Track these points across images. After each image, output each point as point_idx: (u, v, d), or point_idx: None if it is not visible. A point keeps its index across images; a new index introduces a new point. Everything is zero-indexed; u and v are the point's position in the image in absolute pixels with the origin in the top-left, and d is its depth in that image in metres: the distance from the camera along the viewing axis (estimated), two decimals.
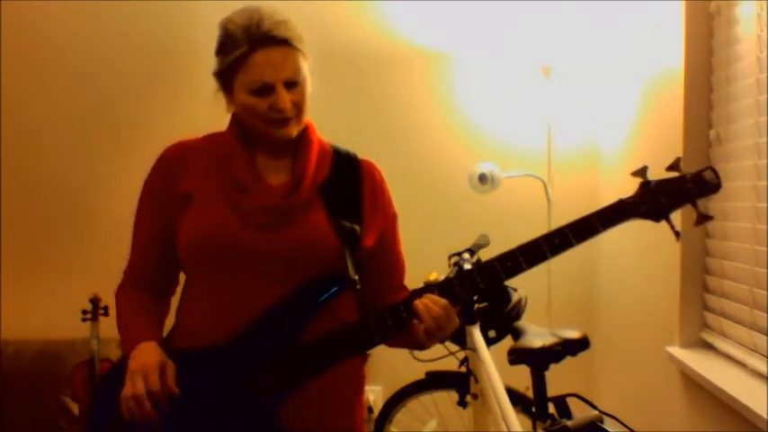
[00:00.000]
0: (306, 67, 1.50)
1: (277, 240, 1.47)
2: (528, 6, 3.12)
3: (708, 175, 1.43)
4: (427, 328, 1.42)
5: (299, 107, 1.50)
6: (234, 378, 1.44)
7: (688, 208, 1.46)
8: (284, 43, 1.46)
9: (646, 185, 1.45)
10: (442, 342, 1.58)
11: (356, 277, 1.50)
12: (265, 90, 1.46)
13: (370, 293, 1.58)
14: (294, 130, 1.52)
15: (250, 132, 1.54)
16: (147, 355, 1.45)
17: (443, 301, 1.43)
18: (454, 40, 3.35)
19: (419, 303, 1.43)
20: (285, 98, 1.46)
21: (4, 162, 3.32)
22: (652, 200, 1.44)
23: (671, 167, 1.46)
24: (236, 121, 1.57)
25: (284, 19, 1.48)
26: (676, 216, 1.47)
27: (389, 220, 1.63)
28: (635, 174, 1.48)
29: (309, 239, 1.48)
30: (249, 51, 1.45)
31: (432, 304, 1.42)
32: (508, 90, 3.36)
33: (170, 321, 1.62)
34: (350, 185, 1.57)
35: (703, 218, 1.44)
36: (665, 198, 1.44)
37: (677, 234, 1.45)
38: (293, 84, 1.48)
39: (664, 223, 1.45)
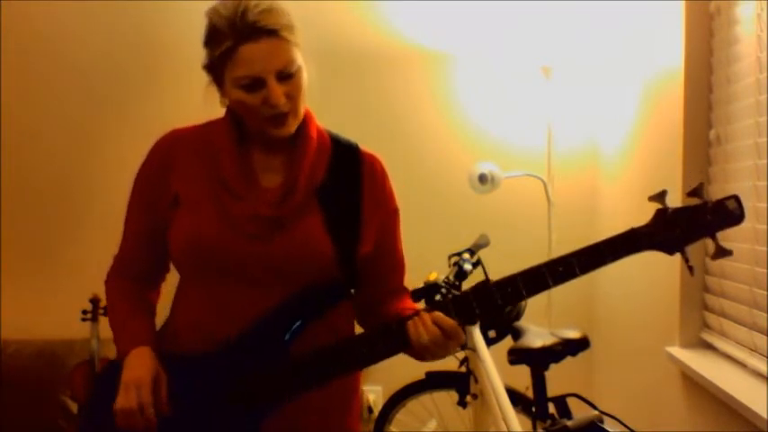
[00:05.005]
0: (299, 56, 1.41)
1: (268, 250, 1.41)
2: (528, 7, 3.12)
3: (731, 204, 1.30)
4: (421, 350, 1.36)
5: (294, 100, 1.41)
6: (222, 387, 1.41)
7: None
8: (272, 34, 1.36)
9: (662, 213, 1.32)
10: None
11: (352, 290, 1.45)
12: (256, 85, 1.37)
13: (369, 295, 1.54)
14: (292, 127, 1.44)
15: (246, 125, 1.47)
16: (141, 366, 1.42)
17: (443, 321, 1.35)
18: (454, 40, 3.35)
19: (411, 325, 1.36)
20: (278, 92, 1.37)
21: (3, 162, 3.32)
22: (667, 230, 1.31)
23: (692, 193, 1.32)
24: (231, 111, 1.49)
25: (271, 7, 1.38)
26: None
27: (390, 216, 1.55)
28: (652, 198, 1.34)
29: (302, 249, 1.42)
30: (235, 45, 1.36)
31: (423, 327, 1.35)
32: (508, 90, 3.36)
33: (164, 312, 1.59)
34: (349, 185, 1.49)
35: (722, 252, 1.31)
36: (682, 229, 1.30)
37: (691, 269, 1.32)
38: (286, 76, 1.38)
39: None
